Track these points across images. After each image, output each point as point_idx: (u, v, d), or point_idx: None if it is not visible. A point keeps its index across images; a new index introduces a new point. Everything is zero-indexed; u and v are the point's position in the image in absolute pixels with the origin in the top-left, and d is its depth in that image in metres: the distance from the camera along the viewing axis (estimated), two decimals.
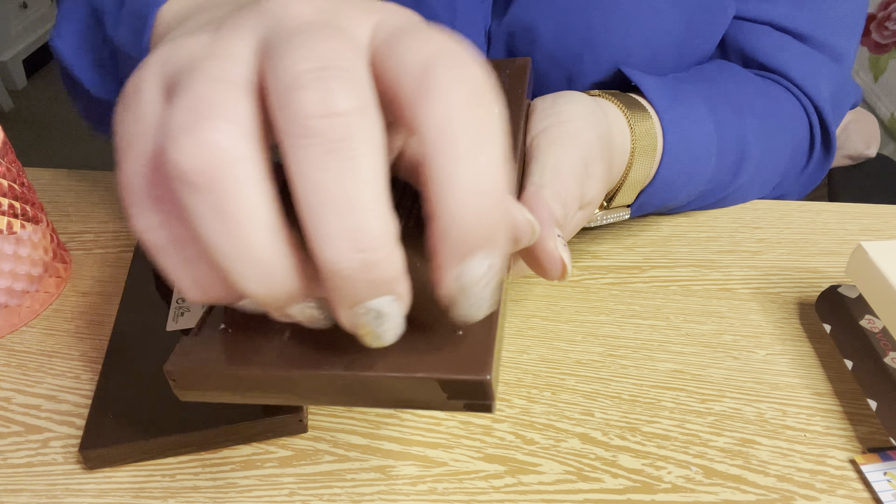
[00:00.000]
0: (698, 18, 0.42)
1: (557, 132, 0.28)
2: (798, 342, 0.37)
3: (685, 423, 0.32)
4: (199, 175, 0.16)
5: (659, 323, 0.38)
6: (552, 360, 0.35)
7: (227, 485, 0.30)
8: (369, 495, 0.29)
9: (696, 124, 0.38)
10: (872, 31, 1.65)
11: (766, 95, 0.43)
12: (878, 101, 1.65)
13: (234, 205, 0.16)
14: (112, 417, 0.30)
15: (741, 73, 0.44)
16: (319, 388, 0.19)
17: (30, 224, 0.37)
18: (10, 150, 0.36)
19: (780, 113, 0.44)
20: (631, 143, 0.34)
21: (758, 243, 0.43)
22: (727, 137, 0.40)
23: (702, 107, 0.39)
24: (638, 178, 0.35)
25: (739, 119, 0.41)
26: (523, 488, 0.30)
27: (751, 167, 0.42)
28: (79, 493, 0.30)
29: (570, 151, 0.27)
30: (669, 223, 0.45)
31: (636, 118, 0.34)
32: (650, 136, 0.35)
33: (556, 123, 0.28)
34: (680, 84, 0.40)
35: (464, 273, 0.17)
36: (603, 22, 0.41)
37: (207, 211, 0.16)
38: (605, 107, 0.33)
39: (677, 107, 0.37)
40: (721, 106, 0.40)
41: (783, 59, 0.45)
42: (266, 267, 0.17)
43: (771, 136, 0.43)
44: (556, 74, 0.43)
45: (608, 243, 0.43)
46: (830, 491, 0.30)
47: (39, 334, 0.37)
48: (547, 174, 0.26)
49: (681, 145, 0.37)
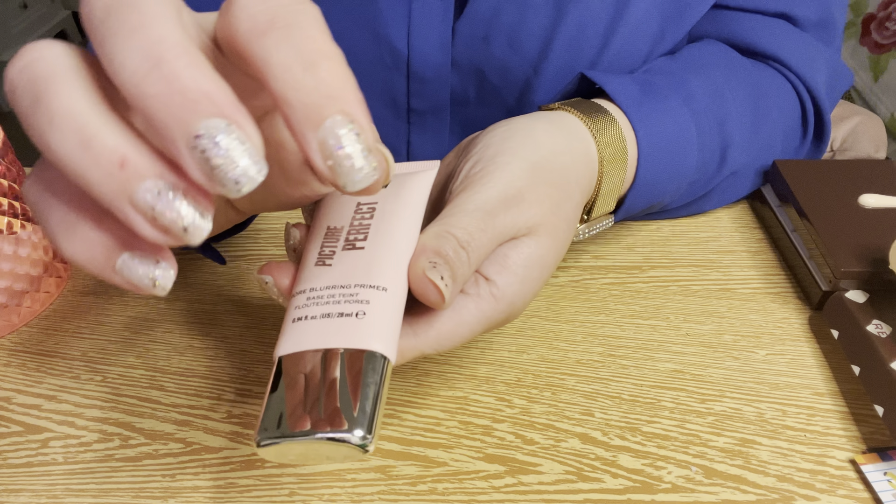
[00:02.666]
0: (672, 4, 0.42)
1: (477, 174, 0.28)
2: (798, 342, 0.37)
3: (685, 423, 0.32)
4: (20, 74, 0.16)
5: (659, 323, 0.38)
6: (552, 360, 0.35)
7: (227, 485, 0.30)
8: (369, 495, 0.29)
9: (669, 116, 0.37)
10: (872, 31, 1.65)
11: (751, 75, 0.43)
12: (878, 101, 1.65)
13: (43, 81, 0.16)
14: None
15: (727, 53, 0.44)
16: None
17: (30, 224, 0.37)
18: (10, 149, 0.36)
19: (769, 93, 0.43)
20: (598, 154, 0.33)
21: (758, 243, 0.43)
22: (707, 124, 0.39)
23: (674, 97, 0.38)
24: (613, 186, 0.35)
25: (719, 102, 0.40)
26: (523, 488, 0.30)
27: (738, 152, 0.41)
28: (79, 493, 0.30)
29: (485, 188, 0.27)
30: (669, 223, 0.45)
31: (600, 127, 0.34)
32: (618, 142, 0.34)
33: (482, 160, 0.29)
34: (652, 76, 0.39)
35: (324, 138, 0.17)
36: (568, 18, 0.41)
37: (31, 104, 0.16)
38: (561, 121, 0.33)
39: (647, 101, 0.37)
40: (697, 90, 0.39)
41: (777, 44, 0.44)
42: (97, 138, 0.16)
43: (758, 117, 0.42)
44: (517, 70, 0.43)
45: (608, 243, 0.43)
46: (830, 491, 0.30)
47: (39, 334, 0.37)
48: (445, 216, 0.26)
49: (656, 141, 0.36)
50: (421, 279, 0.24)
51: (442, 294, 0.24)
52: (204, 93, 0.16)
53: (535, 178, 0.28)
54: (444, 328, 0.25)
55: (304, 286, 0.24)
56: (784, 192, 0.42)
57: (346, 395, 0.21)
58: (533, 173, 0.28)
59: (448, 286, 0.24)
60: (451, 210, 0.26)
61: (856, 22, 1.71)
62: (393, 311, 0.24)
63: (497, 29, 0.43)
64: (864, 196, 0.40)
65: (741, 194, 0.45)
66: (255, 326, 0.37)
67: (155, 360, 0.36)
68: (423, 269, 0.24)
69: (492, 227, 0.26)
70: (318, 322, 0.23)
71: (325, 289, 0.24)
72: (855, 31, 1.72)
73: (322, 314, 0.23)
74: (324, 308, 0.23)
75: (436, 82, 0.45)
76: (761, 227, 0.45)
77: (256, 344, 0.36)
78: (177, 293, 0.39)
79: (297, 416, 0.21)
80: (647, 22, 0.43)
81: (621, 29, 0.42)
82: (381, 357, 0.22)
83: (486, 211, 0.26)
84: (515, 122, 0.32)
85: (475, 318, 0.26)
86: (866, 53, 1.69)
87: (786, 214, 0.42)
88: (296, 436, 0.21)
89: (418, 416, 0.33)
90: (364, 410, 0.21)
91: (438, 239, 0.25)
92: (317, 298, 0.24)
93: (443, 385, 0.34)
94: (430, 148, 0.48)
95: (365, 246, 0.25)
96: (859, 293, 0.36)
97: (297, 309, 0.24)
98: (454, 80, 0.46)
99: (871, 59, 1.68)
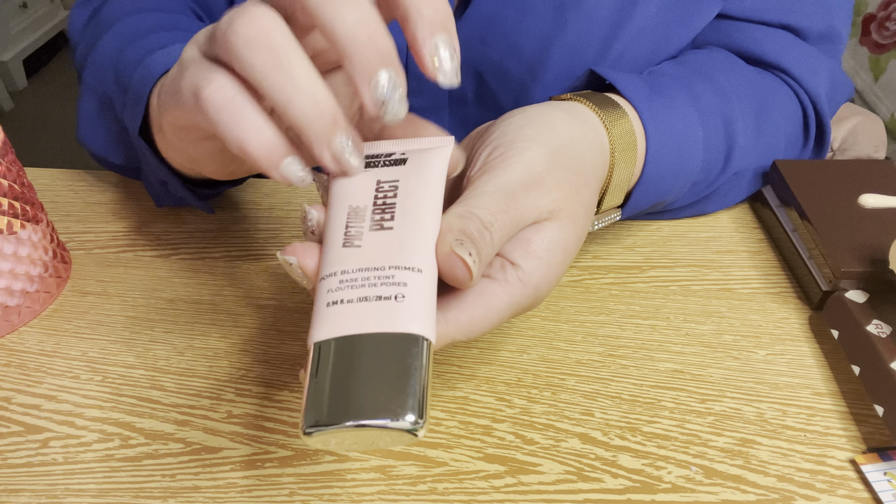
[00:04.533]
0: (675, 13, 0.42)
1: (496, 159, 0.28)
2: (798, 342, 0.37)
3: (685, 423, 0.32)
4: (256, 36, 0.23)
5: (659, 323, 0.38)
6: (552, 360, 0.35)
7: (227, 485, 0.30)
8: (369, 495, 0.29)
9: (677, 113, 0.37)
10: (872, 31, 1.65)
11: (755, 81, 0.43)
12: (878, 101, 1.65)
13: (283, 52, 0.23)
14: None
15: (730, 59, 0.44)
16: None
17: (30, 224, 0.37)
18: (10, 150, 0.36)
19: (772, 98, 0.43)
20: (610, 145, 0.34)
21: (758, 243, 0.43)
22: (712, 125, 0.39)
23: (682, 96, 0.38)
24: (622, 178, 0.35)
25: (724, 103, 0.40)
26: (523, 488, 0.30)
27: (742, 154, 0.41)
28: (79, 493, 0.30)
29: (505, 172, 0.27)
30: (670, 223, 0.45)
31: (612, 119, 0.34)
32: (629, 135, 0.34)
33: (500, 146, 0.29)
34: (658, 77, 0.39)
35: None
36: (569, 18, 0.41)
37: (266, 60, 0.23)
38: (574, 110, 0.33)
39: (656, 98, 0.37)
40: (703, 92, 0.39)
41: (780, 53, 0.45)
42: (314, 93, 0.23)
43: (762, 121, 0.42)
44: (515, 73, 0.43)
45: (608, 243, 0.43)
46: (830, 491, 0.30)
47: (39, 334, 0.37)
48: (466, 198, 0.26)
49: (664, 138, 0.36)
50: (449, 256, 0.24)
51: (470, 271, 0.24)
52: (389, 52, 0.23)
53: (555, 163, 0.28)
54: (475, 314, 0.25)
55: (334, 268, 0.24)
56: (784, 193, 0.42)
57: (392, 380, 0.21)
58: (552, 159, 0.29)
59: (475, 262, 0.24)
60: (473, 192, 0.26)
61: (856, 22, 1.71)
62: (429, 293, 0.23)
63: (496, 32, 0.43)
64: (864, 196, 0.40)
65: (743, 196, 0.45)
66: (255, 326, 0.37)
67: (155, 360, 0.36)
68: (451, 246, 0.24)
69: (514, 208, 0.26)
70: (355, 306, 0.23)
71: (357, 271, 0.23)
72: (855, 31, 1.72)
73: (358, 297, 0.23)
74: (359, 291, 0.23)
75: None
76: (761, 227, 0.45)
77: (256, 344, 0.36)
78: (177, 293, 0.39)
79: (344, 403, 0.21)
80: (650, 31, 0.43)
81: (623, 37, 0.42)
82: (423, 340, 0.22)
83: (507, 193, 0.26)
84: (531, 110, 0.32)
85: (504, 304, 0.26)
86: (866, 53, 1.69)
87: (786, 214, 0.42)
88: (346, 424, 0.20)
89: None
90: (414, 395, 0.21)
91: (462, 219, 0.25)
92: (350, 281, 0.23)
93: (443, 385, 0.34)
94: None
95: (394, 226, 0.24)
96: (859, 293, 0.36)
97: (331, 293, 0.23)
98: None
99: (871, 59, 1.68)
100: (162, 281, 0.40)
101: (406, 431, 0.20)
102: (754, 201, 0.46)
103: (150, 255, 0.42)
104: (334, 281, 0.23)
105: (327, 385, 0.21)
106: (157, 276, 0.41)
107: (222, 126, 0.24)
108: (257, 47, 0.23)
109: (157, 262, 0.42)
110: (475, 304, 0.26)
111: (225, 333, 0.37)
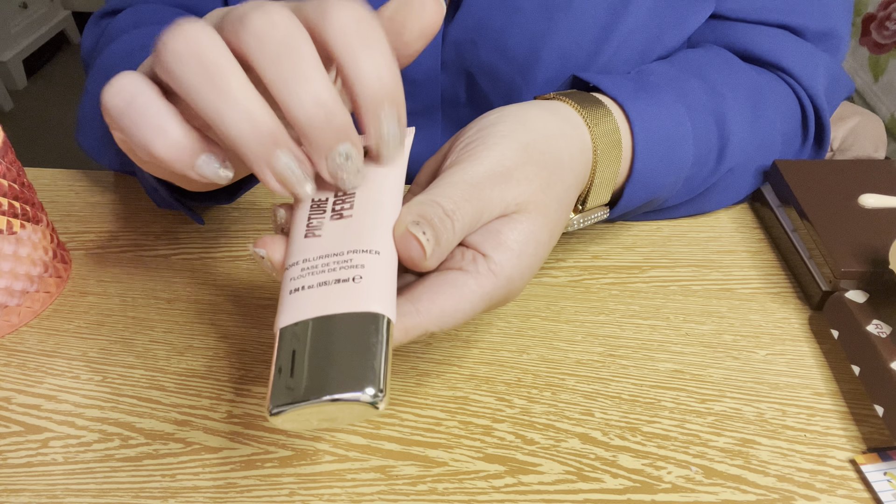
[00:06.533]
0: (667, 14, 0.42)
1: (466, 153, 0.29)
2: (798, 342, 0.37)
3: (685, 423, 0.32)
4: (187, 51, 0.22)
5: (659, 323, 0.38)
6: (552, 360, 0.35)
7: (227, 485, 0.30)
8: (369, 495, 0.29)
9: (663, 109, 0.37)
10: (872, 31, 1.65)
11: (751, 78, 0.43)
12: (878, 101, 1.65)
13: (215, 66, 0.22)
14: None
15: (726, 57, 0.44)
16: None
17: (30, 224, 0.37)
18: (10, 150, 0.36)
19: (769, 95, 0.43)
20: (592, 142, 0.33)
21: (758, 243, 0.43)
22: (702, 119, 0.39)
23: (669, 92, 0.38)
24: (607, 176, 0.35)
25: (717, 100, 0.40)
26: (523, 488, 0.30)
27: (737, 149, 0.41)
28: (79, 493, 0.30)
29: (473, 165, 0.28)
30: (669, 223, 0.45)
31: (595, 117, 0.34)
32: (613, 133, 0.34)
33: (473, 141, 0.29)
34: (646, 76, 0.39)
35: (381, 124, 0.24)
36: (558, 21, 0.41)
37: (195, 75, 0.22)
38: (555, 109, 0.33)
39: (641, 95, 0.37)
40: (693, 89, 0.39)
41: (778, 51, 0.45)
42: (249, 109, 0.22)
43: (758, 118, 0.42)
44: (505, 74, 0.43)
45: (608, 243, 0.43)
46: (830, 491, 0.30)
47: (39, 334, 0.37)
48: (431, 188, 0.27)
49: (652, 134, 0.36)
50: (404, 235, 0.24)
51: (424, 249, 0.24)
52: (346, 128, 0.23)
53: (525, 157, 0.29)
54: (446, 305, 0.26)
55: (296, 258, 0.25)
56: (784, 192, 0.42)
57: (352, 356, 0.21)
58: (523, 153, 0.29)
59: (430, 242, 0.24)
60: (438, 183, 0.27)
61: (856, 22, 1.71)
62: (388, 273, 0.24)
63: (486, 34, 0.43)
64: (864, 196, 0.40)
65: (741, 195, 0.45)
66: (255, 326, 0.37)
67: (155, 360, 0.36)
68: (406, 226, 0.24)
69: (477, 199, 0.26)
70: (316, 290, 0.23)
71: (317, 258, 0.24)
72: (855, 31, 1.72)
73: (318, 283, 0.23)
74: (319, 277, 0.23)
75: (426, 84, 0.45)
76: (761, 227, 0.45)
77: (256, 344, 0.36)
78: (177, 293, 0.39)
79: (306, 382, 0.21)
80: (642, 32, 0.43)
81: (614, 38, 0.42)
82: (383, 317, 0.22)
83: (471, 184, 0.27)
84: (509, 108, 0.32)
85: (476, 295, 0.26)
86: (866, 53, 1.69)
87: (786, 214, 0.42)
88: (308, 400, 0.21)
89: (418, 416, 0.33)
90: (373, 369, 0.21)
91: (423, 205, 0.25)
92: (311, 268, 0.24)
93: (443, 385, 0.34)
94: (421, 148, 0.48)
95: (352, 214, 0.25)
96: (859, 293, 0.36)
97: (293, 280, 0.24)
98: (444, 82, 0.46)
99: (871, 59, 1.68)
100: (162, 281, 0.40)
101: (367, 404, 0.21)
102: (754, 201, 0.46)
103: (150, 255, 0.42)
104: (297, 269, 0.24)
105: (291, 367, 0.22)
106: (157, 276, 0.41)
107: (126, 131, 0.23)
108: (188, 62, 0.22)
109: (157, 262, 0.42)
110: (446, 295, 0.26)
111: (225, 333, 0.37)
